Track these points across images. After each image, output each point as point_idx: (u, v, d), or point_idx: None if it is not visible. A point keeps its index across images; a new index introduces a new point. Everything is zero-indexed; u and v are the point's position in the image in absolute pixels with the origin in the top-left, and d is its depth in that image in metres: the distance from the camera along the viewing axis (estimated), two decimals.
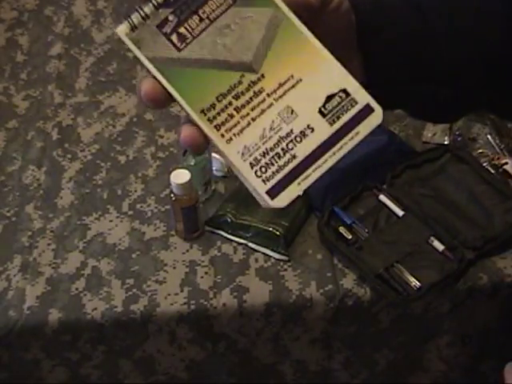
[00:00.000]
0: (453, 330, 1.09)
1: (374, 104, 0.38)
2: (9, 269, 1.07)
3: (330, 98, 0.38)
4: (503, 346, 1.13)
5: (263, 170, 0.37)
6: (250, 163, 0.37)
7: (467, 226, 1.07)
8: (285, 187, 0.37)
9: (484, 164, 1.15)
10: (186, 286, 1.04)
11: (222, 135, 0.37)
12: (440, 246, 1.05)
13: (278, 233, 1.06)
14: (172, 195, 1.05)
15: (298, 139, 0.37)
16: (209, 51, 0.38)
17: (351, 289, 1.03)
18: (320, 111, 0.38)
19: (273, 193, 0.37)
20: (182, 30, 0.38)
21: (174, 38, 0.38)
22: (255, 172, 0.37)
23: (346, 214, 1.08)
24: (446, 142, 1.19)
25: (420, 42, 0.45)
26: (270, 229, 1.06)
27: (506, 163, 1.15)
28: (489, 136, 1.20)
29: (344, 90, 0.38)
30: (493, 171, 1.14)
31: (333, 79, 0.38)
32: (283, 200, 0.37)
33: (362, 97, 0.38)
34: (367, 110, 0.38)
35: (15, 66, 1.40)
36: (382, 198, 1.10)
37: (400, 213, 1.09)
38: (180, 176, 1.03)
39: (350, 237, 1.06)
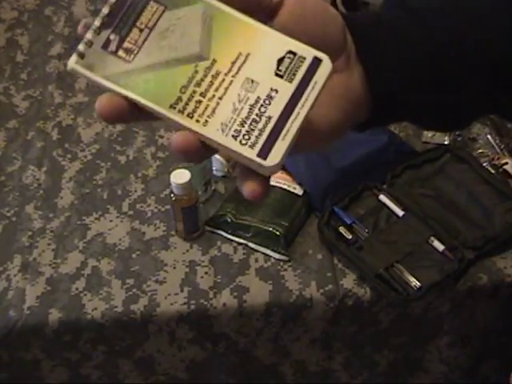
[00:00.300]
0: (453, 331, 1.09)
1: (320, 54, 0.40)
2: (9, 269, 1.07)
3: (280, 61, 0.40)
4: (504, 347, 1.13)
5: (246, 137, 0.39)
6: (232, 135, 0.39)
7: (467, 226, 1.07)
8: (272, 146, 0.39)
9: (484, 164, 1.15)
10: (186, 286, 1.05)
11: (197, 121, 0.39)
12: (440, 246, 1.05)
13: (277, 233, 1.06)
14: (172, 195, 1.06)
15: (267, 102, 0.40)
16: (157, 55, 0.40)
17: (351, 289, 1.03)
18: (277, 74, 0.40)
19: (263, 154, 0.39)
20: (126, 44, 0.40)
21: (121, 53, 0.40)
22: (240, 142, 0.39)
23: (346, 213, 1.08)
24: (446, 142, 1.19)
25: (423, 49, 0.44)
26: (270, 229, 1.06)
27: (506, 163, 1.15)
28: (489, 136, 1.20)
29: (290, 51, 0.40)
30: (493, 171, 1.14)
31: (276, 45, 0.41)
32: (275, 157, 0.39)
33: (308, 52, 0.41)
34: (316, 62, 0.40)
35: (15, 65, 1.40)
36: (382, 197, 1.10)
37: (400, 213, 1.09)
38: (180, 176, 1.03)
39: (350, 237, 1.06)
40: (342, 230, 1.07)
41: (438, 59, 0.44)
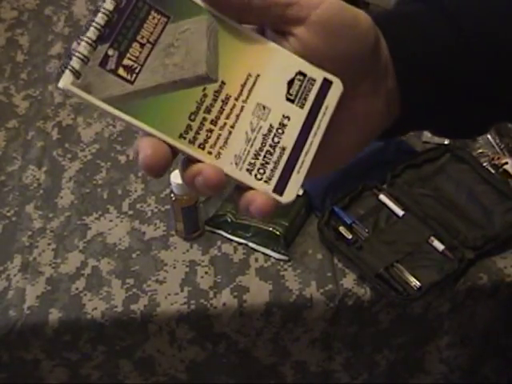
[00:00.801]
0: (453, 331, 1.09)
1: (330, 76, 0.38)
2: (9, 269, 1.07)
3: (290, 83, 0.38)
4: (504, 347, 1.13)
5: (261, 171, 0.37)
6: (247, 169, 0.37)
7: (467, 226, 1.07)
8: (287, 180, 0.37)
9: (484, 164, 1.15)
10: (186, 286, 1.04)
11: (210, 152, 0.36)
12: (440, 246, 1.05)
13: (278, 233, 1.06)
14: (172, 195, 1.05)
15: (280, 131, 0.37)
16: (162, 75, 0.36)
17: (351, 289, 1.03)
18: (287, 99, 0.38)
19: (279, 190, 0.37)
20: (126, 61, 0.36)
21: (122, 71, 0.36)
22: (255, 176, 0.37)
23: (346, 213, 1.08)
24: (446, 142, 1.19)
25: (456, 58, 0.41)
26: (270, 228, 1.06)
27: (506, 163, 1.15)
28: (489, 136, 1.20)
29: (300, 72, 0.38)
30: (493, 171, 1.14)
31: (286, 65, 0.38)
32: (291, 193, 0.37)
33: (317, 73, 0.38)
34: (327, 84, 0.38)
35: (15, 65, 1.40)
36: (382, 197, 1.10)
37: (400, 213, 1.09)
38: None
39: (350, 237, 1.06)
40: (342, 229, 1.07)
41: (472, 70, 0.41)
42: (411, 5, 0.43)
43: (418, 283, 1.01)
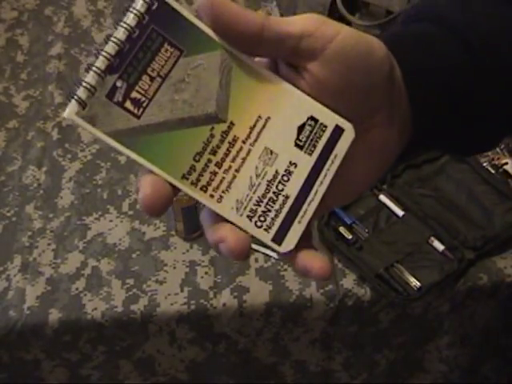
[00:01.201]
0: (453, 331, 1.09)
1: (342, 123, 0.37)
2: (9, 269, 1.07)
3: (301, 128, 0.37)
4: (504, 347, 1.13)
5: (262, 219, 0.36)
6: (248, 216, 0.36)
7: (467, 226, 1.07)
8: (288, 230, 0.36)
9: (484, 164, 1.15)
10: (186, 286, 1.04)
11: (212, 196, 0.35)
12: (440, 246, 1.05)
13: None
14: None
15: (285, 178, 0.36)
16: (170, 111, 0.35)
17: (351, 289, 1.03)
18: (296, 144, 0.37)
19: (278, 239, 0.36)
20: (134, 94, 0.35)
21: (129, 105, 0.35)
22: (255, 223, 0.36)
23: (346, 213, 1.08)
24: None
25: (469, 80, 0.40)
26: None
27: (506, 163, 1.15)
28: None
29: (312, 117, 0.37)
30: (493, 171, 1.14)
31: (298, 109, 0.36)
32: (290, 242, 0.36)
33: (330, 119, 0.37)
34: (338, 131, 0.37)
35: (15, 66, 1.40)
36: (382, 198, 1.10)
37: (400, 213, 1.09)
38: None
39: (350, 237, 1.06)
40: (342, 230, 1.07)
41: (486, 90, 0.40)
42: (420, 25, 0.42)
43: (418, 283, 1.01)
